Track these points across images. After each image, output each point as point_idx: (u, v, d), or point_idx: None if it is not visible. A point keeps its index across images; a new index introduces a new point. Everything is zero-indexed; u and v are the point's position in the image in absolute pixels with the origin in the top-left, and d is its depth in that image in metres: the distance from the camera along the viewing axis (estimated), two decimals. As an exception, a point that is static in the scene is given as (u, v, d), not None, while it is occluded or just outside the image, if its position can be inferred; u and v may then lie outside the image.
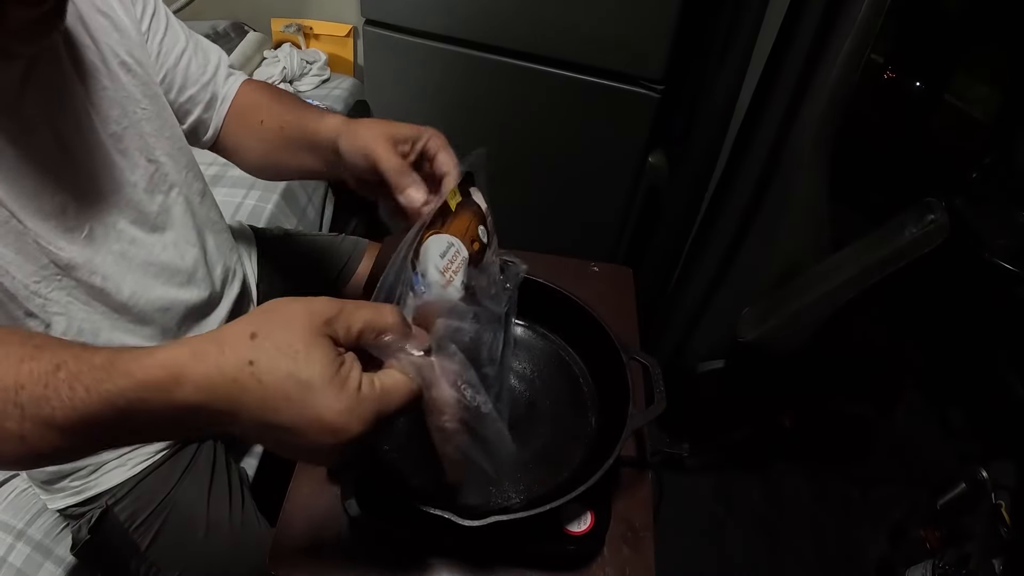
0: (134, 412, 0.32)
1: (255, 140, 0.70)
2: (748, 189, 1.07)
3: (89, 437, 0.34)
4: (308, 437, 0.33)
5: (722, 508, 1.40)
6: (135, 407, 0.32)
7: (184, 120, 0.70)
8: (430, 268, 0.46)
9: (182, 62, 0.67)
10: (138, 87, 0.61)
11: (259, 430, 0.34)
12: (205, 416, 0.33)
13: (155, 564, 0.69)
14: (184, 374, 0.32)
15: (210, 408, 0.32)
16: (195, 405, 0.32)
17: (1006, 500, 1.03)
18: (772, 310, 1.10)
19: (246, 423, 0.33)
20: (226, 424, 0.33)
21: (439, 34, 1.18)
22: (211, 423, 0.33)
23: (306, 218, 1.40)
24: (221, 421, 0.33)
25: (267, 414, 0.33)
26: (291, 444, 0.34)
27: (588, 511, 0.56)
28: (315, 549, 0.56)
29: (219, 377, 0.32)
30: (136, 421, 0.33)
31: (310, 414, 0.32)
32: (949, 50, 1.46)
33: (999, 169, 1.37)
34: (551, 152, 1.26)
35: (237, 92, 0.71)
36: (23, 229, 0.52)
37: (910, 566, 1.15)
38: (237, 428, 0.34)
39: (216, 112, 0.71)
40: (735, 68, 1.02)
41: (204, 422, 0.33)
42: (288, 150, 0.67)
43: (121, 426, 0.33)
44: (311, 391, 0.32)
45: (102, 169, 0.58)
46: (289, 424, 0.33)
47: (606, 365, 0.62)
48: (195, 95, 0.69)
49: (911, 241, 0.88)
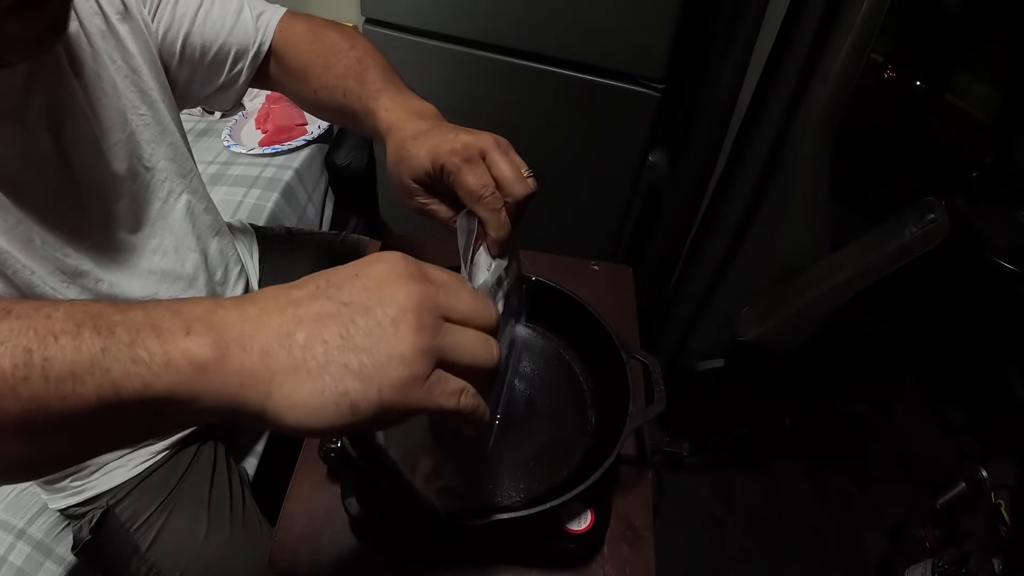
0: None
1: (290, 92, 0.67)
2: (748, 188, 1.07)
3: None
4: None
5: (722, 507, 1.40)
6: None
7: (217, 77, 0.65)
8: (481, 278, 0.46)
9: (199, 16, 0.62)
10: (137, 94, 0.60)
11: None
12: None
13: (156, 564, 0.69)
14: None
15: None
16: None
17: (1006, 499, 1.03)
18: (772, 309, 1.10)
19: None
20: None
21: (439, 33, 1.18)
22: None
23: (306, 216, 1.40)
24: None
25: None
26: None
27: (588, 510, 0.56)
28: (315, 549, 0.56)
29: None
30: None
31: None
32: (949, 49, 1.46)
33: (999, 168, 1.37)
34: (551, 151, 1.26)
35: (272, 42, 0.65)
36: (31, 236, 0.52)
37: (909, 565, 1.15)
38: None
39: (248, 65, 0.65)
40: (735, 67, 1.02)
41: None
42: (324, 111, 0.64)
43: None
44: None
45: (102, 178, 0.58)
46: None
47: (606, 364, 0.62)
48: (223, 47, 0.63)
49: (911, 241, 0.88)
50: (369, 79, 0.57)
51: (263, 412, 0.30)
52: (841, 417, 1.60)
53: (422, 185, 0.49)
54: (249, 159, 1.38)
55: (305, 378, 0.30)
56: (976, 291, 1.40)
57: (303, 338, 0.30)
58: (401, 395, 0.31)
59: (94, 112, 0.56)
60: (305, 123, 1.47)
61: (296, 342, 0.30)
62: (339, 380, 0.30)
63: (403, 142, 0.49)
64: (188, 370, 0.28)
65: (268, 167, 1.36)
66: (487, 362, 0.34)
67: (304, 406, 0.30)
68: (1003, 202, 1.32)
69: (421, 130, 0.49)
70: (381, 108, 0.54)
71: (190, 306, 0.30)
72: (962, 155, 1.46)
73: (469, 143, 0.46)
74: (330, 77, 0.60)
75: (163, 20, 0.61)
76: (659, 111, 1.16)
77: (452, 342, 0.33)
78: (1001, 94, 1.40)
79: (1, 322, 0.27)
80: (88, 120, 0.56)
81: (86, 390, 0.27)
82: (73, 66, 0.54)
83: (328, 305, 0.31)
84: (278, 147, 1.39)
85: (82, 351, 0.27)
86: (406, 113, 0.52)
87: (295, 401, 0.30)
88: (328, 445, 0.58)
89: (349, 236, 1.02)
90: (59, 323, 0.28)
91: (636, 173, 1.26)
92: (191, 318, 0.30)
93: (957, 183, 1.39)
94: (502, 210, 0.46)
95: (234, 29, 0.62)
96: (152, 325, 0.29)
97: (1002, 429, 1.31)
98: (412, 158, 0.48)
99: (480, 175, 0.45)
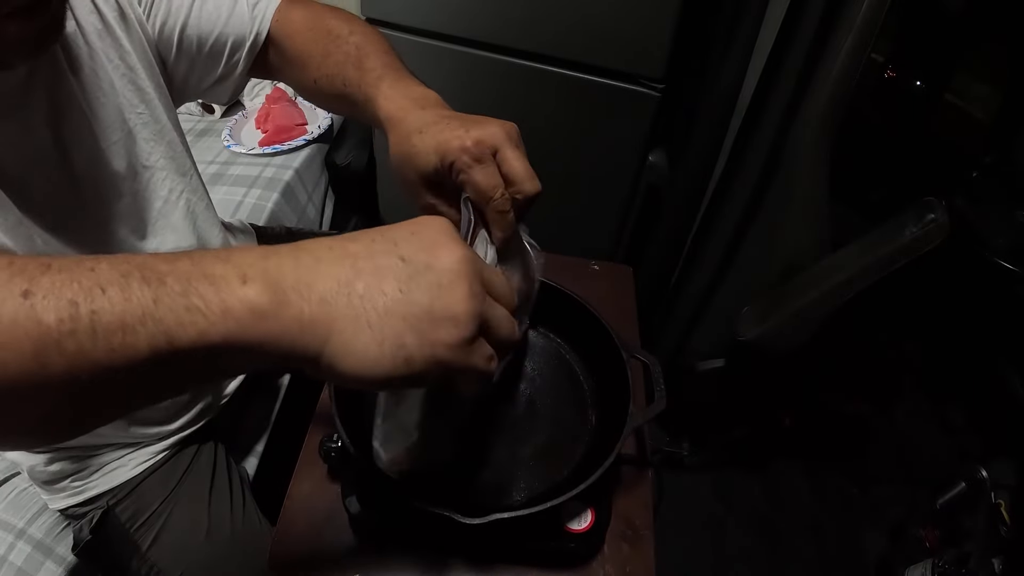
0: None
1: (291, 81, 0.65)
2: (748, 188, 1.07)
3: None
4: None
5: (722, 507, 1.40)
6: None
7: (215, 68, 0.64)
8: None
9: (195, 7, 0.61)
10: (134, 92, 0.60)
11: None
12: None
13: (156, 564, 0.69)
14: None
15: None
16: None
17: (1006, 499, 1.03)
18: (772, 309, 1.10)
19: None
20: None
21: (439, 33, 1.18)
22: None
23: (306, 216, 1.40)
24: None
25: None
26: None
27: (588, 509, 0.56)
28: (315, 549, 0.56)
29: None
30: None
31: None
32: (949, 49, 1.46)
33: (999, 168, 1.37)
34: (551, 151, 1.26)
35: (269, 31, 0.63)
36: (32, 236, 0.52)
37: (909, 565, 1.15)
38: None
39: (245, 55, 0.64)
40: (736, 67, 1.02)
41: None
42: (326, 101, 0.62)
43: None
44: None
45: (102, 177, 0.58)
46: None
47: (606, 363, 0.62)
48: (219, 38, 0.62)
49: (911, 240, 0.88)
50: (368, 66, 0.55)
51: (319, 358, 0.30)
52: (841, 417, 1.60)
53: (428, 181, 0.48)
54: (249, 159, 1.38)
55: (365, 327, 0.30)
56: (976, 291, 1.40)
57: (363, 288, 0.31)
58: (451, 353, 0.32)
59: (92, 111, 0.56)
60: (305, 123, 1.47)
61: (356, 291, 0.30)
62: (399, 333, 0.30)
63: (408, 136, 0.47)
64: (247, 317, 0.28)
65: (268, 167, 1.36)
66: (512, 338, 0.36)
67: (363, 355, 0.30)
68: (1003, 202, 1.32)
69: (426, 123, 0.47)
70: (380, 96, 0.52)
71: (240, 253, 0.30)
72: (962, 155, 1.46)
73: (481, 140, 0.44)
74: (329, 65, 0.58)
75: (159, 14, 0.60)
76: (659, 111, 1.16)
77: (493, 314, 0.34)
78: (1001, 94, 1.41)
79: (42, 276, 0.26)
80: (87, 119, 0.56)
81: (137, 340, 0.27)
82: (71, 65, 0.54)
83: (387, 259, 0.32)
84: (278, 147, 1.39)
85: (132, 301, 0.27)
86: (407, 101, 0.50)
87: (354, 349, 0.30)
88: (328, 445, 0.58)
89: (349, 236, 1.02)
90: (104, 274, 0.27)
91: (636, 173, 1.26)
92: (244, 264, 0.29)
93: (957, 183, 1.39)
94: (510, 211, 0.45)
95: (230, 19, 0.61)
96: (204, 274, 0.28)
97: (1002, 429, 1.31)
98: (419, 155, 0.46)
99: (491, 175, 0.44)
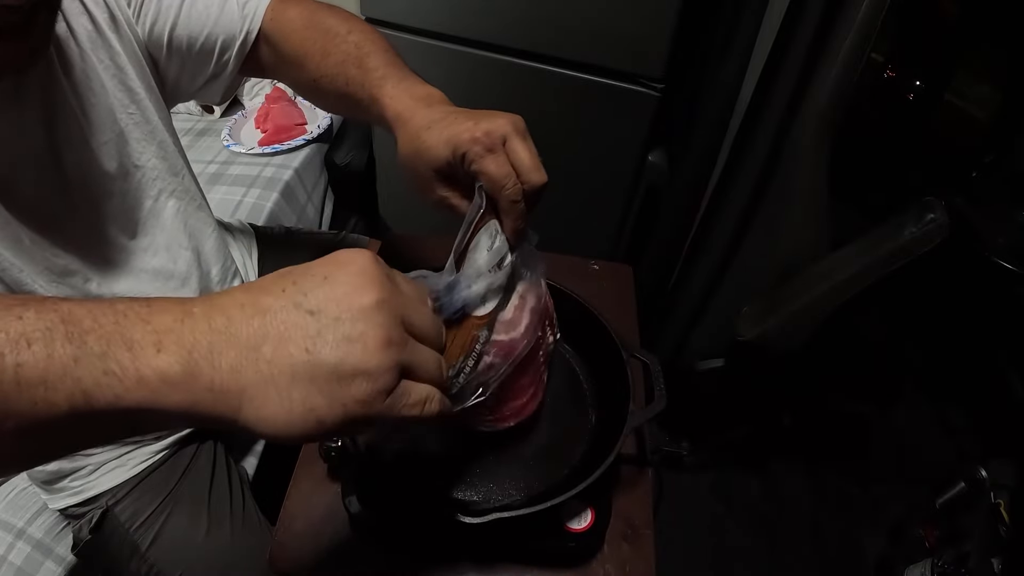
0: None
1: (288, 80, 0.65)
2: (748, 188, 1.07)
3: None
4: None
5: (722, 506, 1.40)
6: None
7: (206, 67, 0.64)
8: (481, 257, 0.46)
9: (184, 7, 0.61)
10: (125, 93, 0.60)
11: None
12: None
13: (155, 564, 0.69)
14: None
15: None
16: None
17: (1005, 499, 1.03)
18: (772, 308, 1.10)
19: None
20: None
21: (439, 33, 1.18)
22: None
23: (306, 216, 1.40)
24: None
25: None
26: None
27: (588, 508, 0.56)
28: (315, 548, 0.56)
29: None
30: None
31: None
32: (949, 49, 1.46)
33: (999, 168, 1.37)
34: (551, 150, 1.24)
35: (264, 29, 0.62)
36: (19, 236, 0.52)
37: (909, 565, 1.15)
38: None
39: (235, 54, 0.63)
40: (735, 66, 1.02)
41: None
42: (326, 100, 0.62)
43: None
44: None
45: (93, 177, 0.58)
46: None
47: (606, 363, 0.62)
48: (209, 37, 0.61)
49: (911, 240, 0.88)
50: (371, 65, 0.55)
51: (235, 423, 0.30)
52: (841, 416, 1.60)
53: (441, 175, 0.48)
54: (249, 159, 1.38)
55: (273, 393, 0.30)
56: (976, 291, 1.40)
57: (270, 352, 0.30)
58: (366, 408, 0.31)
59: (84, 112, 0.56)
60: (304, 123, 1.47)
61: (263, 356, 0.30)
62: (306, 396, 0.30)
63: (417, 133, 0.48)
64: (159, 386, 0.29)
65: (268, 167, 1.36)
66: (440, 381, 0.35)
67: (274, 420, 0.30)
68: (1003, 202, 1.32)
69: (434, 119, 0.48)
70: (386, 96, 0.52)
71: (159, 314, 0.30)
72: (962, 155, 1.46)
73: (491, 130, 0.45)
74: (329, 65, 0.58)
75: (149, 14, 0.60)
76: (659, 111, 1.16)
77: (413, 358, 0.33)
78: (1001, 94, 1.41)
79: None
80: (78, 120, 0.56)
81: (57, 397, 0.27)
82: (63, 66, 0.54)
83: (295, 315, 0.31)
84: (277, 147, 1.39)
85: (54, 359, 0.27)
86: (413, 100, 0.51)
87: (264, 415, 0.30)
88: (328, 444, 0.58)
89: (349, 235, 1.02)
90: (31, 325, 0.28)
91: (636, 173, 1.26)
92: (162, 330, 0.30)
93: (957, 182, 1.39)
94: (522, 200, 0.46)
95: (219, 18, 0.61)
96: (123, 337, 0.29)
97: (1002, 429, 1.31)
98: (430, 149, 0.47)
99: (503, 164, 0.45)
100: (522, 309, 0.49)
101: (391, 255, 0.85)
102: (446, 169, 0.47)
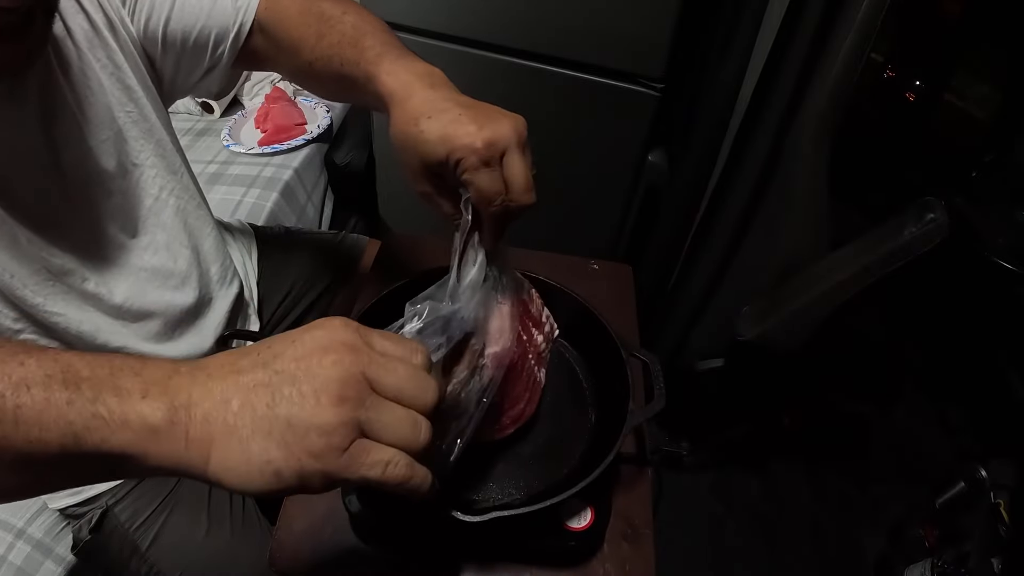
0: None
1: (284, 69, 0.64)
2: (748, 188, 1.07)
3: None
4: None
5: (721, 506, 1.40)
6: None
7: (201, 61, 0.64)
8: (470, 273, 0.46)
9: (178, 1, 0.60)
10: (122, 90, 0.60)
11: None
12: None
13: (155, 564, 0.69)
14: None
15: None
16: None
17: (1005, 499, 1.03)
18: (772, 308, 1.10)
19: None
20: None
21: (439, 33, 1.18)
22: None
23: (306, 216, 1.41)
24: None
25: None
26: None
27: (588, 507, 0.56)
28: (315, 548, 0.56)
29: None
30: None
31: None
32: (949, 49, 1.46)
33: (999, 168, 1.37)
34: (551, 150, 1.26)
35: (258, 19, 0.61)
36: (16, 235, 0.52)
37: (909, 565, 1.15)
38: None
39: (229, 46, 0.62)
40: (735, 66, 1.02)
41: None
42: (323, 84, 0.61)
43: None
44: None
45: (91, 175, 0.58)
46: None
47: (606, 362, 0.62)
48: (203, 30, 0.61)
49: (911, 240, 0.88)
50: (367, 44, 0.53)
51: (205, 474, 0.32)
52: (841, 416, 1.60)
53: (430, 171, 0.47)
54: (248, 158, 1.38)
55: (236, 444, 0.32)
56: (976, 291, 1.40)
57: (237, 405, 0.32)
58: (321, 464, 0.32)
59: (82, 110, 0.56)
60: (304, 122, 1.47)
61: (231, 409, 0.32)
62: (264, 448, 0.32)
63: (416, 119, 0.45)
64: (141, 431, 0.31)
65: (267, 167, 1.36)
66: (412, 443, 0.35)
67: (235, 471, 0.32)
68: (1003, 202, 1.32)
69: (436, 108, 0.45)
70: (383, 72, 0.50)
71: (151, 368, 0.33)
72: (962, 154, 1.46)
73: (493, 142, 0.43)
74: (324, 47, 0.56)
75: (143, 11, 0.60)
76: (659, 111, 1.16)
77: (375, 417, 0.33)
78: (1001, 94, 1.41)
79: None
80: (77, 118, 0.56)
81: (50, 437, 0.30)
82: (60, 66, 0.54)
83: (262, 374, 0.33)
84: (277, 146, 1.40)
85: (51, 403, 0.30)
86: (412, 77, 0.49)
87: (228, 466, 0.32)
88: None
89: (348, 236, 1.02)
90: (32, 371, 0.31)
91: (636, 173, 1.26)
92: (150, 381, 0.32)
93: (957, 182, 1.40)
94: (505, 217, 0.45)
95: (212, 11, 0.60)
96: (114, 385, 0.32)
97: (1002, 429, 1.31)
98: (426, 142, 0.45)
99: (495, 180, 0.44)
100: (505, 316, 0.50)
101: (391, 255, 0.85)
102: (436, 168, 0.46)
